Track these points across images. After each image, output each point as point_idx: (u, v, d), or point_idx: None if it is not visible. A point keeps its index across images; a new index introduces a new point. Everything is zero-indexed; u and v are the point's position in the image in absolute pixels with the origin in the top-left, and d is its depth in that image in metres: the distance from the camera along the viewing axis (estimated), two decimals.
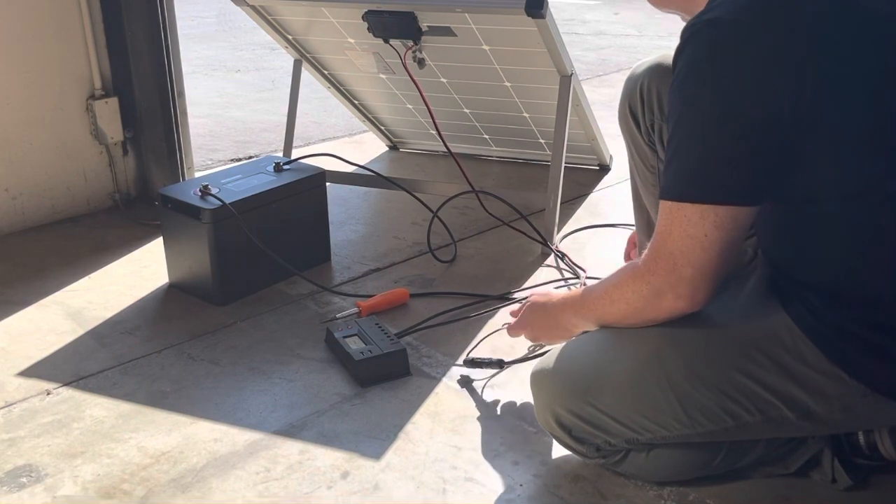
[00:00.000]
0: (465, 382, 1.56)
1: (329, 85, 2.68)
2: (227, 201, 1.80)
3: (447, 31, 2.17)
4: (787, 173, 1.06)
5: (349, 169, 2.32)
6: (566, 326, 1.35)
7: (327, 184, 2.06)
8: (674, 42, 1.11)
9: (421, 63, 2.29)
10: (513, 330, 1.48)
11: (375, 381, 1.55)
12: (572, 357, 1.28)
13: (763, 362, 1.12)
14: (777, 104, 1.01)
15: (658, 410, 1.18)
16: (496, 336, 1.71)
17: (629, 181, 1.69)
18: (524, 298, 1.57)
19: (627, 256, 1.81)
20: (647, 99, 1.42)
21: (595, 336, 1.28)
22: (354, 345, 1.60)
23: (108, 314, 1.83)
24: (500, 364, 1.56)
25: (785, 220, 1.13)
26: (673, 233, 1.09)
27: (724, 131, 1.04)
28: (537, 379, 1.29)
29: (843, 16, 1.03)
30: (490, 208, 2.29)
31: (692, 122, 1.07)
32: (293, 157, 2.37)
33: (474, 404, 1.50)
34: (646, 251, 1.15)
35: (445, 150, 2.30)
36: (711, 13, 1.04)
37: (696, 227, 1.06)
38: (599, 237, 2.20)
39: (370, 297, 1.85)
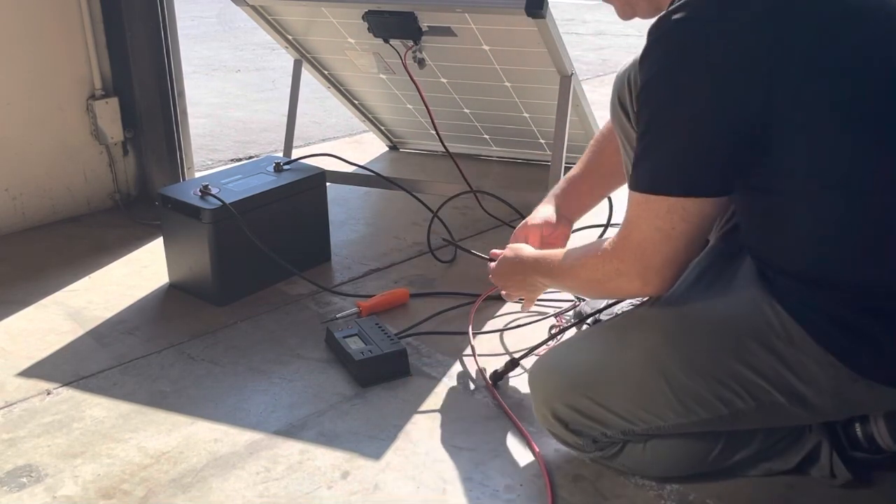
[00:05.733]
0: (465, 382, 1.56)
1: (329, 85, 2.68)
2: (227, 201, 1.80)
3: (447, 31, 2.17)
4: (756, 165, 1.08)
5: (349, 169, 2.32)
6: (535, 286, 1.43)
7: (327, 184, 2.06)
8: None
9: (421, 63, 2.29)
10: (492, 276, 1.52)
11: (375, 381, 1.55)
12: (568, 353, 1.32)
13: (754, 348, 1.13)
14: (747, 102, 1.03)
15: (653, 400, 1.19)
16: (496, 335, 1.71)
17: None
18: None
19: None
20: (634, 90, 1.43)
21: (590, 332, 1.31)
22: (354, 345, 1.60)
23: (108, 314, 1.83)
24: (514, 363, 1.55)
25: (763, 212, 1.14)
26: (641, 225, 1.12)
27: (695, 129, 1.06)
28: (535, 376, 1.32)
29: (809, 10, 1.04)
30: (490, 208, 2.30)
31: (663, 120, 1.09)
32: (293, 157, 2.37)
33: (474, 404, 1.50)
34: (615, 237, 1.18)
35: (445, 150, 2.30)
36: (681, 11, 1.05)
37: (664, 220, 1.10)
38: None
39: (370, 297, 1.85)
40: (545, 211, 1.60)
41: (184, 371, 1.61)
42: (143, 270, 2.04)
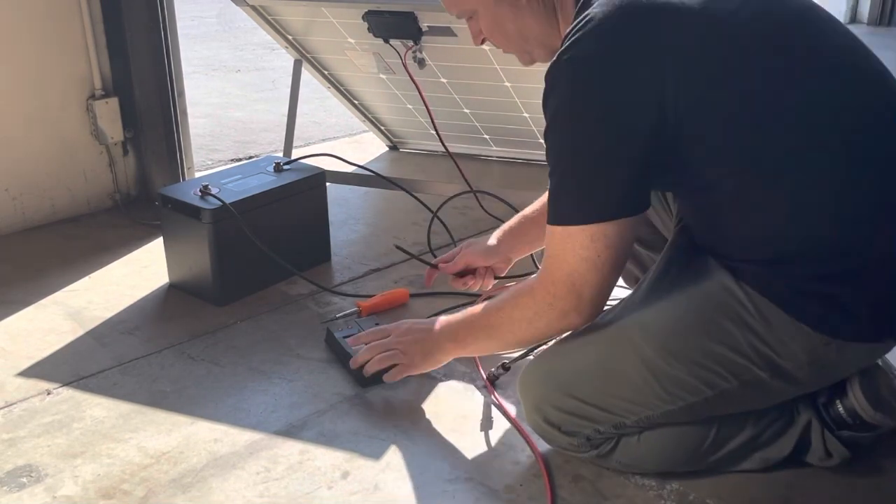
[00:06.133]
0: (464, 382, 1.56)
1: (329, 85, 2.68)
2: (227, 201, 1.80)
3: (447, 31, 2.17)
4: (666, 174, 1.16)
5: (349, 169, 2.32)
6: (439, 357, 1.43)
7: (327, 184, 2.06)
8: None
9: (421, 63, 2.29)
10: (391, 359, 1.45)
11: (375, 381, 1.55)
12: (551, 358, 1.34)
13: (730, 328, 1.17)
14: (642, 122, 1.10)
15: (637, 391, 1.22)
16: None
17: None
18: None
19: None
20: None
21: (569, 335, 1.32)
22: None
23: (108, 314, 1.83)
24: (506, 367, 1.56)
25: (705, 210, 1.22)
26: (567, 258, 1.17)
27: (599, 158, 1.12)
28: (521, 385, 1.34)
29: (690, 22, 1.10)
30: (490, 208, 2.30)
31: (570, 153, 1.14)
32: (293, 157, 2.37)
33: (474, 404, 1.50)
34: (540, 277, 1.22)
35: (445, 150, 2.30)
36: (569, 52, 1.12)
37: (589, 249, 1.15)
38: None
39: (370, 297, 1.86)
40: (486, 242, 1.65)
41: (184, 371, 1.61)
42: (143, 270, 2.04)
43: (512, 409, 1.46)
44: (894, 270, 1.14)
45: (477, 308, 1.36)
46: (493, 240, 1.65)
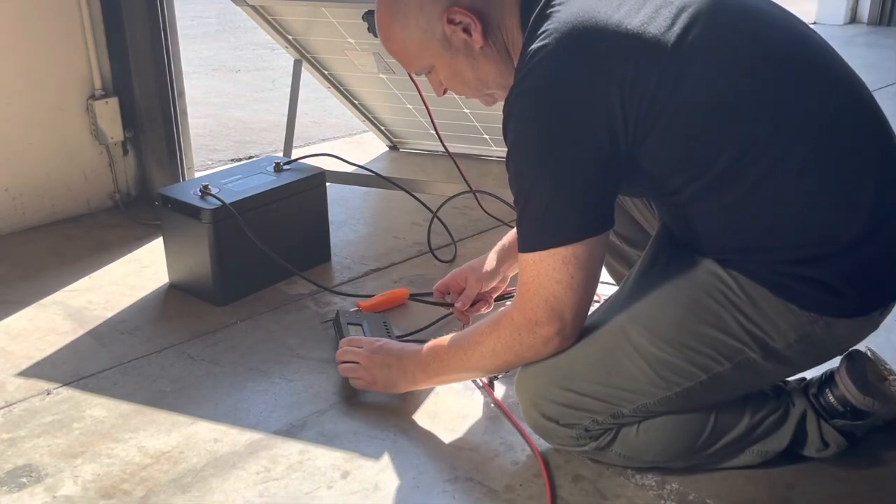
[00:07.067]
0: (464, 382, 1.56)
1: (329, 85, 2.68)
2: (227, 201, 1.80)
3: None
4: (633, 185, 1.22)
5: (349, 169, 2.32)
6: (403, 385, 1.44)
7: (327, 184, 2.06)
8: None
9: None
10: (353, 373, 1.48)
11: None
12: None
13: (719, 311, 1.20)
14: (596, 144, 1.13)
15: (632, 379, 1.24)
16: None
17: None
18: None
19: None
20: None
21: None
22: (355, 334, 1.60)
23: (108, 314, 1.83)
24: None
25: (670, 214, 1.28)
26: (542, 282, 1.19)
27: (559, 181, 1.15)
28: (518, 384, 1.34)
29: (628, 43, 1.11)
30: (490, 208, 2.30)
31: (530, 181, 1.17)
32: (293, 157, 2.37)
33: (474, 404, 1.50)
34: (517, 304, 1.23)
35: (445, 150, 2.30)
36: (520, 85, 1.16)
37: (562, 272, 1.17)
38: None
39: (370, 297, 1.86)
40: (484, 266, 1.66)
41: (184, 371, 1.61)
42: (143, 270, 2.04)
43: (511, 410, 1.46)
44: (872, 248, 1.16)
45: (445, 340, 1.36)
46: (491, 262, 1.66)
